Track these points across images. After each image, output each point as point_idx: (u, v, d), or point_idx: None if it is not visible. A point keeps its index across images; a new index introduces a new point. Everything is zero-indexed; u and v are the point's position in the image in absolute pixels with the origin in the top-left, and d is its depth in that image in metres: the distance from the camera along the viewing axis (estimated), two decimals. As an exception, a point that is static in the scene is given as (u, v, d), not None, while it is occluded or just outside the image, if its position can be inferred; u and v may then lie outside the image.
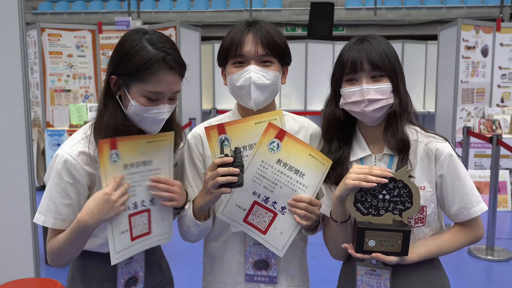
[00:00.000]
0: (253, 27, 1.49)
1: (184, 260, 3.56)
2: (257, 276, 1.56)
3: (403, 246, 1.33)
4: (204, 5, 11.98)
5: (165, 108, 1.39)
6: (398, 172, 1.32)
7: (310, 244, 1.68)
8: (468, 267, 3.98)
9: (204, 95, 7.81)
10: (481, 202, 1.44)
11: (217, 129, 1.44)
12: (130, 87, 1.37)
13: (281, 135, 1.41)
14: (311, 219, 1.44)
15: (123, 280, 1.48)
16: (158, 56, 1.34)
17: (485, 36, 6.04)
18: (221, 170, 1.34)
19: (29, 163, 2.57)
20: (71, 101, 6.14)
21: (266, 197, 1.44)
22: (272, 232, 1.46)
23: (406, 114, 1.44)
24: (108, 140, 1.33)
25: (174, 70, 1.37)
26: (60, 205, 1.39)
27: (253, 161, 1.41)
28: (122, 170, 1.37)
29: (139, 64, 1.33)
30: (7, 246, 2.57)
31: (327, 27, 8.70)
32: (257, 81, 1.46)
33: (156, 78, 1.34)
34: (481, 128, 5.92)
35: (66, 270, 1.59)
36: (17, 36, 2.50)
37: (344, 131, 1.49)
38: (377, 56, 1.38)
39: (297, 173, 1.43)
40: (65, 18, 11.83)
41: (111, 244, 1.36)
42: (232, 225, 1.49)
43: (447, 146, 1.43)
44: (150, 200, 1.44)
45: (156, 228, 1.47)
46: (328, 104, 1.50)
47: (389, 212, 1.34)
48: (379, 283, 1.41)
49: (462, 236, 1.46)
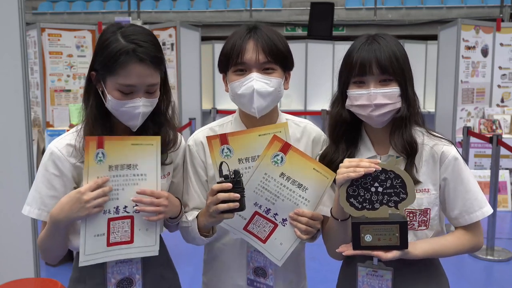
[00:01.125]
0: (254, 33, 1.46)
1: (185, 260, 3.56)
2: (257, 282, 1.56)
3: (401, 239, 1.29)
4: (204, 5, 11.97)
5: (140, 102, 1.35)
6: (388, 163, 1.30)
7: (310, 244, 1.67)
8: (468, 267, 3.98)
9: (204, 95, 7.80)
10: (484, 207, 1.42)
11: (220, 139, 1.41)
12: (106, 82, 1.36)
13: (286, 148, 1.39)
14: (311, 233, 1.42)
15: (114, 280, 1.43)
16: (127, 47, 1.32)
17: (485, 36, 6.04)
18: (221, 196, 1.31)
19: (29, 163, 2.57)
20: (71, 101, 6.13)
21: (267, 208, 1.43)
22: (272, 242, 1.44)
23: (414, 116, 1.42)
24: (96, 138, 1.31)
25: (145, 62, 1.33)
26: (45, 197, 1.40)
27: (255, 173, 1.39)
28: (107, 170, 1.33)
29: (109, 56, 1.32)
30: (7, 246, 2.57)
31: (327, 27, 8.70)
32: (260, 90, 1.43)
33: (125, 70, 1.32)
34: (481, 128, 5.92)
35: (66, 270, 1.59)
36: (17, 36, 2.50)
37: (350, 131, 1.47)
38: (386, 59, 1.35)
39: (300, 187, 1.40)
40: (65, 18, 11.82)
41: (81, 244, 1.32)
42: (232, 232, 1.47)
43: (453, 149, 1.42)
44: (133, 207, 1.37)
45: (139, 238, 1.38)
46: (334, 104, 1.48)
47: (384, 205, 1.30)
48: (381, 284, 1.40)
49: (465, 239, 1.44)
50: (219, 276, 1.62)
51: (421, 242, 1.41)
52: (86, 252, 1.33)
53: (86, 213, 1.29)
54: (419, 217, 1.41)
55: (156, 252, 1.42)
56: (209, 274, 1.66)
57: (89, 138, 1.30)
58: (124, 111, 1.36)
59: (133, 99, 1.35)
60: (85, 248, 1.33)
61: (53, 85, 6.12)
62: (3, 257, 2.56)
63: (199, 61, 6.96)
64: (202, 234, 1.50)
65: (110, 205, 1.34)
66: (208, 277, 1.67)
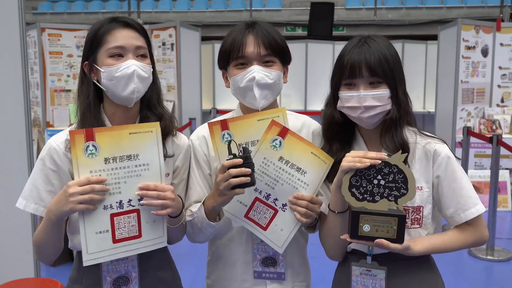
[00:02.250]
0: (253, 28, 1.51)
1: (186, 260, 3.57)
2: (265, 273, 1.57)
3: (398, 232, 1.31)
4: (204, 5, 11.97)
5: (132, 62, 1.39)
6: (393, 157, 1.32)
7: (310, 244, 1.68)
8: (468, 267, 3.98)
9: (204, 95, 7.80)
10: (478, 204, 1.43)
11: (220, 125, 1.44)
12: (97, 60, 1.41)
13: (284, 132, 1.42)
14: (311, 216, 1.44)
15: (110, 279, 1.41)
16: (110, 19, 1.43)
17: (485, 36, 6.04)
18: (233, 171, 1.32)
19: (29, 163, 2.57)
20: (71, 101, 6.12)
21: (267, 193, 1.45)
22: (273, 228, 1.47)
23: (405, 117, 1.43)
24: (82, 131, 1.27)
25: (129, 26, 1.42)
26: (42, 192, 1.40)
27: (255, 158, 1.40)
28: (102, 164, 1.29)
29: (96, 34, 1.41)
30: (7, 246, 2.57)
31: (327, 27, 8.71)
32: (261, 81, 1.48)
33: (112, 35, 1.40)
34: (481, 128, 5.92)
35: (66, 270, 1.59)
36: (17, 36, 2.50)
37: (344, 132, 1.49)
38: (376, 61, 1.37)
39: (298, 170, 1.43)
40: (65, 18, 11.82)
41: (83, 243, 1.28)
42: (233, 220, 1.49)
43: (445, 147, 1.43)
44: (139, 200, 1.33)
45: (146, 232, 1.35)
46: (327, 105, 1.51)
47: (385, 199, 1.33)
48: (374, 284, 1.41)
49: (467, 234, 1.44)
50: (224, 276, 1.62)
51: (422, 238, 1.42)
52: (89, 251, 1.29)
53: (69, 207, 1.25)
54: (412, 215, 1.42)
55: (164, 243, 1.40)
56: (213, 276, 1.66)
57: (74, 131, 1.27)
58: (118, 77, 1.38)
59: (125, 61, 1.39)
60: (87, 247, 1.28)
61: (53, 85, 6.12)
62: (3, 257, 2.56)
63: (199, 61, 6.97)
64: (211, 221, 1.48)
65: (112, 200, 1.30)
66: (213, 279, 1.67)
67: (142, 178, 1.33)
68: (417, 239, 1.40)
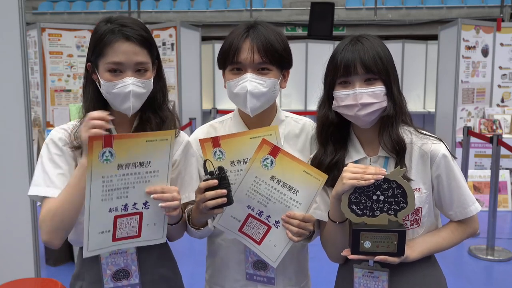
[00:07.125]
0: (252, 33, 1.47)
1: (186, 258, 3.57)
2: (256, 276, 1.58)
3: (399, 247, 1.33)
4: (204, 5, 11.97)
5: (130, 80, 1.37)
6: (392, 173, 1.32)
7: (310, 244, 1.67)
8: (468, 267, 3.98)
9: (204, 95, 7.80)
10: (475, 201, 1.47)
11: (212, 142, 1.43)
12: (98, 67, 1.41)
13: (275, 151, 1.39)
14: (304, 235, 1.43)
15: (110, 272, 1.43)
16: (112, 27, 1.38)
17: (485, 36, 6.04)
18: (208, 194, 1.33)
19: (29, 163, 2.57)
20: (71, 101, 6.14)
21: (260, 211, 1.44)
22: (267, 243, 1.46)
23: (400, 115, 1.43)
24: (102, 137, 1.26)
25: (131, 40, 1.38)
26: (53, 175, 1.40)
27: (246, 176, 1.40)
28: (115, 169, 1.29)
29: (97, 40, 1.39)
30: (7, 246, 2.57)
31: (327, 27, 8.71)
32: (253, 91, 1.46)
33: (112, 48, 1.37)
34: (482, 128, 5.92)
35: (66, 270, 1.59)
36: (17, 36, 2.51)
37: (338, 133, 1.48)
38: (370, 58, 1.37)
39: (290, 190, 1.41)
40: (65, 18, 11.82)
41: (84, 241, 1.31)
42: (227, 233, 1.49)
43: (442, 146, 1.43)
44: (143, 203, 1.36)
45: (146, 233, 1.39)
46: (321, 106, 1.49)
47: (384, 213, 1.33)
48: (377, 285, 1.41)
49: (460, 231, 1.49)
50: (220, 272, 1.64)
51: (417, 243, 1.43)
52: (89, 249, 1.33)
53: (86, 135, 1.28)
54: (411, 217, 1.43)
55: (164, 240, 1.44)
56: (210, 270, 1.69)
57: (94, 137, 1.26)
58: (115, 93, 1.38)
59: (122, 79, 1.38)
60: (88, 245, 1.32)
61: (53, 85, 6.12)
62: (3, 257, 2.56)
63: (199, 61, 6.97)
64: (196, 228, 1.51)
65: (118, 203, 1.32)
66: (210, 273, 1.69)
67: (150, 183, 1.36)
68: (414, 245, 1.41)
